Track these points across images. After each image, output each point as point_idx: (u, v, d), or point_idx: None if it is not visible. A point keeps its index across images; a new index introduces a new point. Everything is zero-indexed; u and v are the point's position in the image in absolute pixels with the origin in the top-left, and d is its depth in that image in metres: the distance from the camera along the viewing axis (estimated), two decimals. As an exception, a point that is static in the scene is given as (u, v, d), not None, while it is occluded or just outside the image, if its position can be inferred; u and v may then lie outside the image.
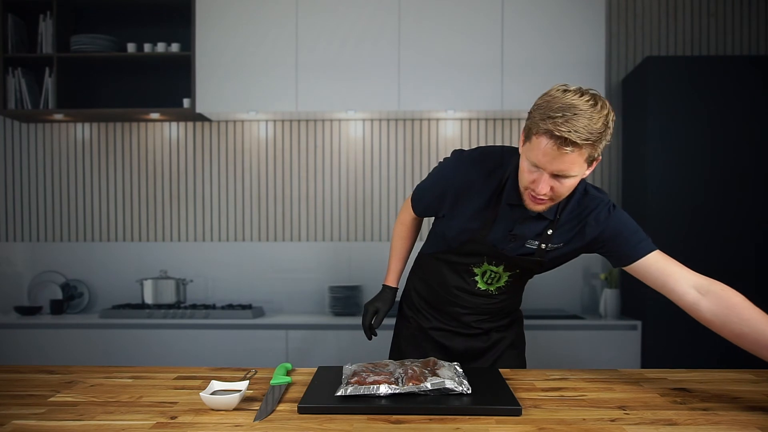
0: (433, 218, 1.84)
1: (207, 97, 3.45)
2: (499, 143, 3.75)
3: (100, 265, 3.80)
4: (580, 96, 1.33)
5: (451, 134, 3.74)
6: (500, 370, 1.68)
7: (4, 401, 1.43)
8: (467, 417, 1.31)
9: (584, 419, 1.30)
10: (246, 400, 1.42)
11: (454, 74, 3.38)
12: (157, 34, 3.69)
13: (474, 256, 1.69)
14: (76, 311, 3.70)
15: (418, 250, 1.98)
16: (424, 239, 1.94)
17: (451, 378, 1.43)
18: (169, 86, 3.71)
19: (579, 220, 1.60)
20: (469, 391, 1.41)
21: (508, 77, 3.38)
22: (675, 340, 3.22)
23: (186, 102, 3.57)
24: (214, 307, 3.53)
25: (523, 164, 1.44)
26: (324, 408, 1.34)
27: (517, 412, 1.33)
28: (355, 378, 1.42)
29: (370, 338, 1.91)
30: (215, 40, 3.44)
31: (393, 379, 1.42)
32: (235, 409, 1.36)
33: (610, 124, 1.35)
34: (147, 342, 3.33)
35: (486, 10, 3.39)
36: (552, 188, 1.42)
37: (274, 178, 3.81)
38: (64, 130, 3.84)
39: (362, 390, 1.38)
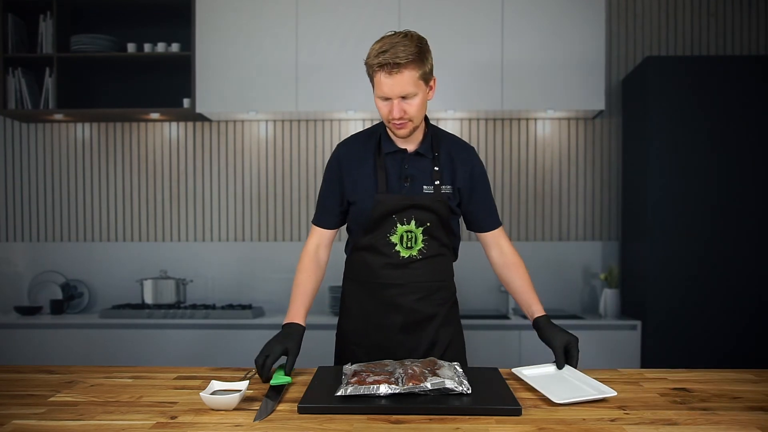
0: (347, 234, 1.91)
1: (207, 97, 3.45)
2: (499, 143, 3.76)
3: (100, 265, 3.80)
4: (394, 34, 1.67)
5: (451, 134, 3.74)
6: (500, 370, 1.68)
7: (4, 401, 1.43)
8: (467, 417, 1.31)
9: (584, 419, 1.30)
10: (246, 400, 1.42)
11: (455, 74, 3.38)
12: (157, 34, 3.69)
13: (386, 223, 1.77)
14: (76, 311, 3.70)
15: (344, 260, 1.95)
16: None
17: (451, 378, 1.43)
18: (169, 86, 3.71)
19: (450, 158, 1.81)
20: (469, 391, 1.41)
21: (508, 77, 3.38)
22: (675, 340, 3.22)
23: (186, 102, 3.57)
24: (214, 307, 3.53)
25: (378, 104, 1.71)
26: (324, 408, 1.34)
27: (517, 412, 1.33)
28: (355, 378, 1.42)
29: (267, 380, 1.58)
30: (215, 40, 3.44)
31: (393, 379, 1.43)
32: (235, 409, 1.36)
33: (425, 47, 1.67)
34: (147, 342, 3.33)
35: (486, 10, 3.39)
36: (404, 111, 1.67)
37: (274, 178, 3.81)
38: (64, 130, 3.84)
39: (362, 390, 1.38)
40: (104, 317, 3.40)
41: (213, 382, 1.44)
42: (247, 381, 1.46)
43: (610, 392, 1.43)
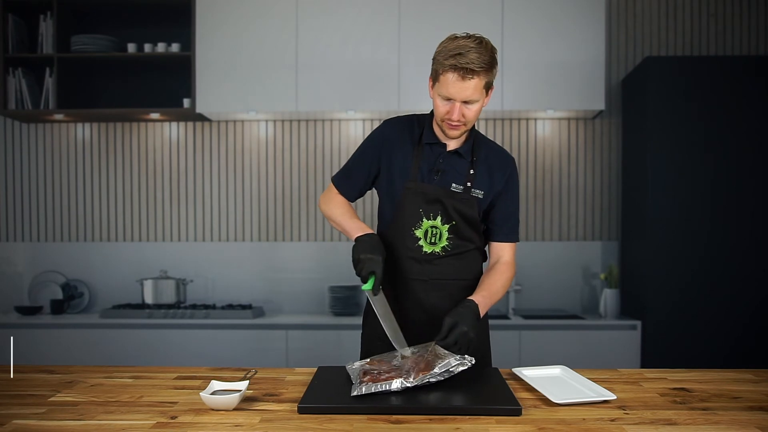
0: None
1: (207, 97, 3.45)
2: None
3: (100, 265, 3.80)
4: (468, 38, 1.68)
5: (451, 134, 3.74)
6: (500, 370, 1.68)
7: (4, 401, 1.43)
8: (467, 417, 1.31)
9: (584, 419, 1.30)
10: (246, 400, 1.42)
11: (454, 74, 3.38)
12: (157, 34, 3.69)
13: (412, 215, 1.78)
14: (76, 311, 3.70)
15: None
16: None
17: (452, 355, 1.47)
18: (169, 86, 3.71)
19: (488, 165, 1.83)
20: (474, 362, 1.47)
21: (508, 77, 3.38)
22: (675, 340, 3.22)
23: (186, 102, 3.57)
24: (214, 307, 3.53)
25: (437, 101, 1.73)
26: (324, 408, 1.35)
27: (517, 412, 1.33)
28: (368, 377, 1.43)
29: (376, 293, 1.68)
30: (215, 40, 3.44)
31: (404, 372, 1.44)
32: (235, 409, 1.36)
33: (496, 57, 1.71)
34: (147, 342, 3.33)
35: (486, 10, 3.39)
36: (463, 114, 1.72)
37: (274, 178, 3.81)
38: (65, 130, 3.84)
39: (378, 387, 1.39)
40: (104, 317, 3.40)
41: (213, 382, 1.44)
42: (247, 381, 1.46)
43: (609, 396, 1.43)
